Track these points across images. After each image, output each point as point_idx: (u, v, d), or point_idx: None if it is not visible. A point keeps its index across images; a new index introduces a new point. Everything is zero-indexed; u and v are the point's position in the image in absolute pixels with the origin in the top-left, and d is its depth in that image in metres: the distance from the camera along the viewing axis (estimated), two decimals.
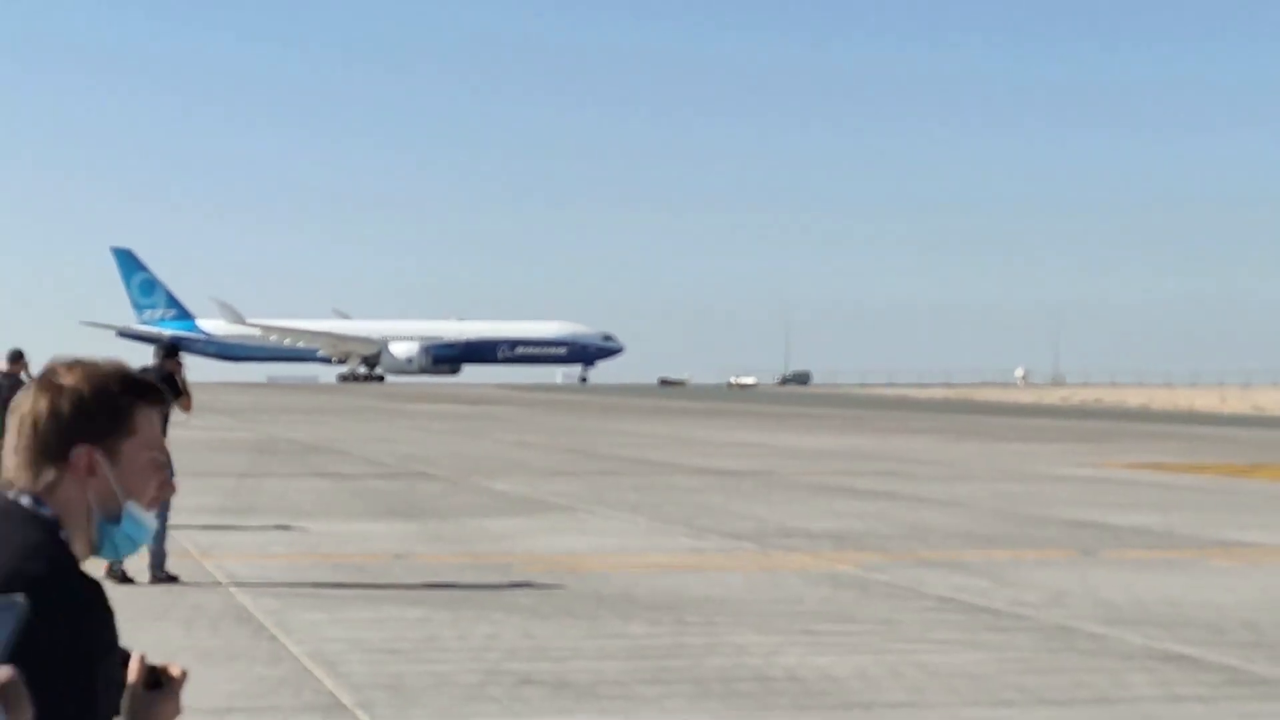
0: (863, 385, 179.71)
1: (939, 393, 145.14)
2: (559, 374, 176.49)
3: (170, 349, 18.89)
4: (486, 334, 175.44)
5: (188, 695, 3.10)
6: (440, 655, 12.34)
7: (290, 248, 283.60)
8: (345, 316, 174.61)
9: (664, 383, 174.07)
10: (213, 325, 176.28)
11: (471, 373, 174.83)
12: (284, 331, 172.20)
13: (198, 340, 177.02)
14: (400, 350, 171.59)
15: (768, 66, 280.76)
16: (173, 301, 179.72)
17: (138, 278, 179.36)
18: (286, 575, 16.89)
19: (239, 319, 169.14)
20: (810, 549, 19.68)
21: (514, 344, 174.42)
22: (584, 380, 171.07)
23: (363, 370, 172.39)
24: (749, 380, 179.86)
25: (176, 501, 25.38)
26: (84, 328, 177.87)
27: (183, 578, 16.48)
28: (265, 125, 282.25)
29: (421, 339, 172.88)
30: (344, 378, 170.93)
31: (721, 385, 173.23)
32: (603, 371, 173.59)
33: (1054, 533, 21.94)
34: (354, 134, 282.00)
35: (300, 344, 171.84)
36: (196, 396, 18.85)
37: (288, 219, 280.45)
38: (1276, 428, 67.16)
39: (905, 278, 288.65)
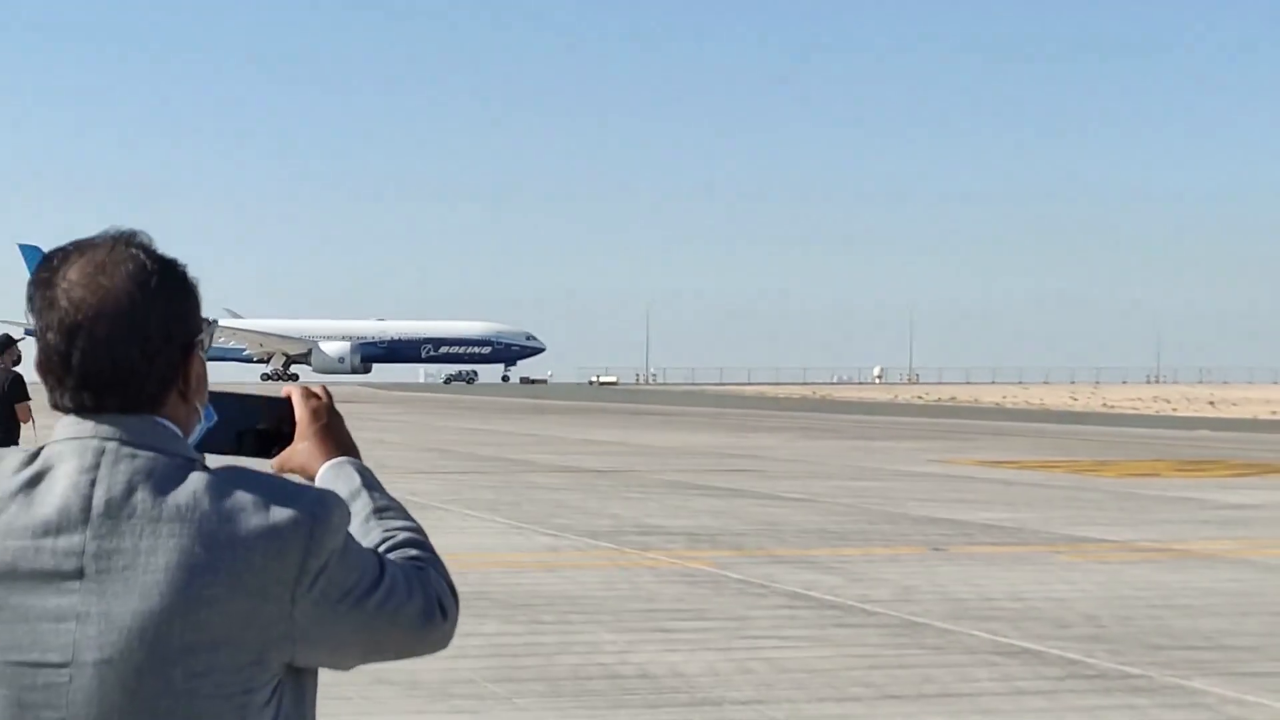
0: (721, 384, 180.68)
1: (797, 391, 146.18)
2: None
3: (5, 341, 18.65)
4: (410, 333, 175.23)
5: None
6: None
7: (186, 246, 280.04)
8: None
9: (525, 381, 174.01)
10: None
11: (385, 372, 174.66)
12: (234, 332, 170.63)
13: None
14: (332, 349, 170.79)
15: (621, 64, 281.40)
16: None
17: None
18: None
19: None
20: (665, 547, 19.86)
21: (438, 343, 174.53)
22: (505, 379, 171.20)
23: (283, 369, 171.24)
24: (610, 379, 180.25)
25: None
26: None
27: None
28: (167, 124, 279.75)
29: (346, 338, 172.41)
30: (266, 377, 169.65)
31: (583, 384, 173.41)
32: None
33: (905, 529, 22.27)
34: (255, 136, 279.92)
35: (232, 343, 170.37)
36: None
37: (194, 218, 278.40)
38: (1125, 425, 68.35)
39: (764, 277, 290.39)
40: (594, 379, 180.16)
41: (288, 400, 3.03)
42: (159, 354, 2.69)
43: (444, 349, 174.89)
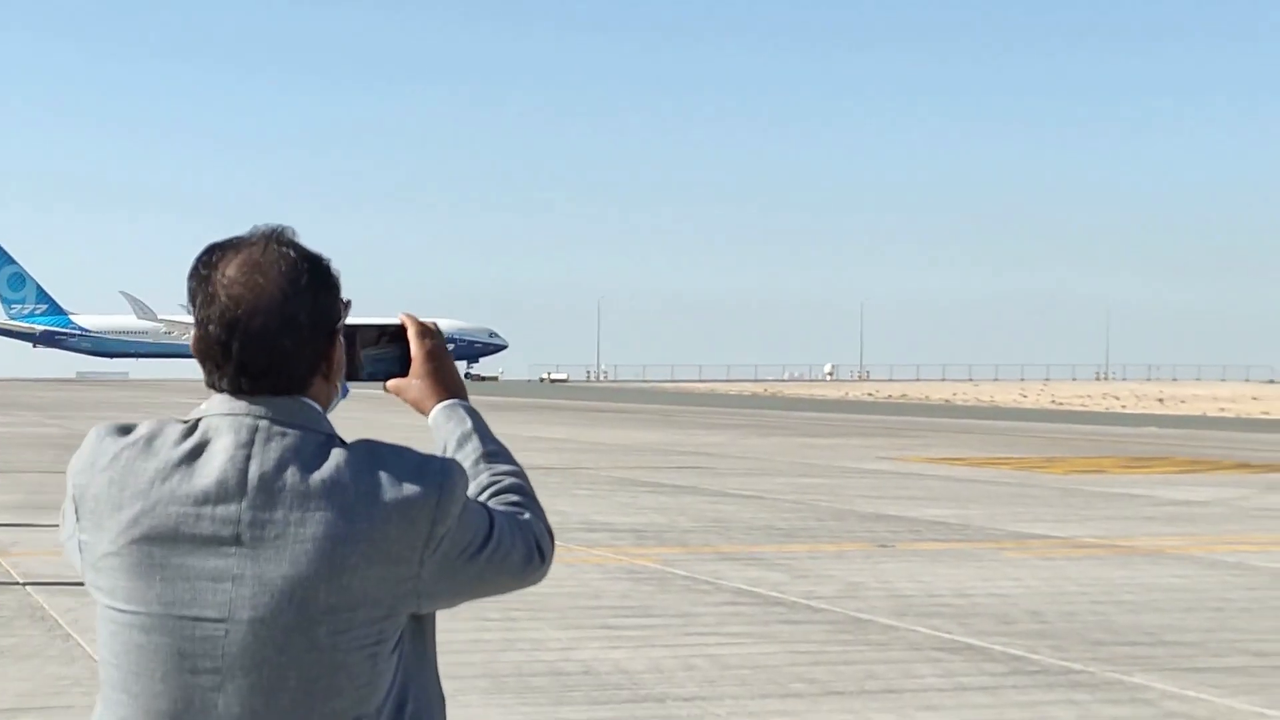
0: (673, 380, 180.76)
1: (748, 387, 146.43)
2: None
3: None
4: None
5: None
6: None
7: (129, 239, 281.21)
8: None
9: (477, 378, 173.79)
10: (88, 320, 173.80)
11: None
12: (184, 325, 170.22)
13: (72, 335, 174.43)
14: None
15: (571, 59, 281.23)
16: (44, 296, 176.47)
17: (5, 271, 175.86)
18: None
19: (149, 314, 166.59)
20: (611, 543, 19.87)
21: None
22: (468, 376, 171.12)
23: None
24: (561, 375, 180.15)
25: None
26: None
27: None
28: (136, 119, 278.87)
29: None
30: None
31: (534, 381, 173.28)
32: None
33: (852, 526, 22.32)
34: (203, 133, 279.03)
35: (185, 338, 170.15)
36: (2, 392, 18.65)
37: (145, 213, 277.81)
38: (1073, 421, 68.65)
39: (716, 273, 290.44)
40: (545, 376, 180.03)
41: (402, 328, 3.37)
42: (308, 343, 3.05)
43: None
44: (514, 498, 3.21)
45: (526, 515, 3.18)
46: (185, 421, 3.06)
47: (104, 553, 2.99)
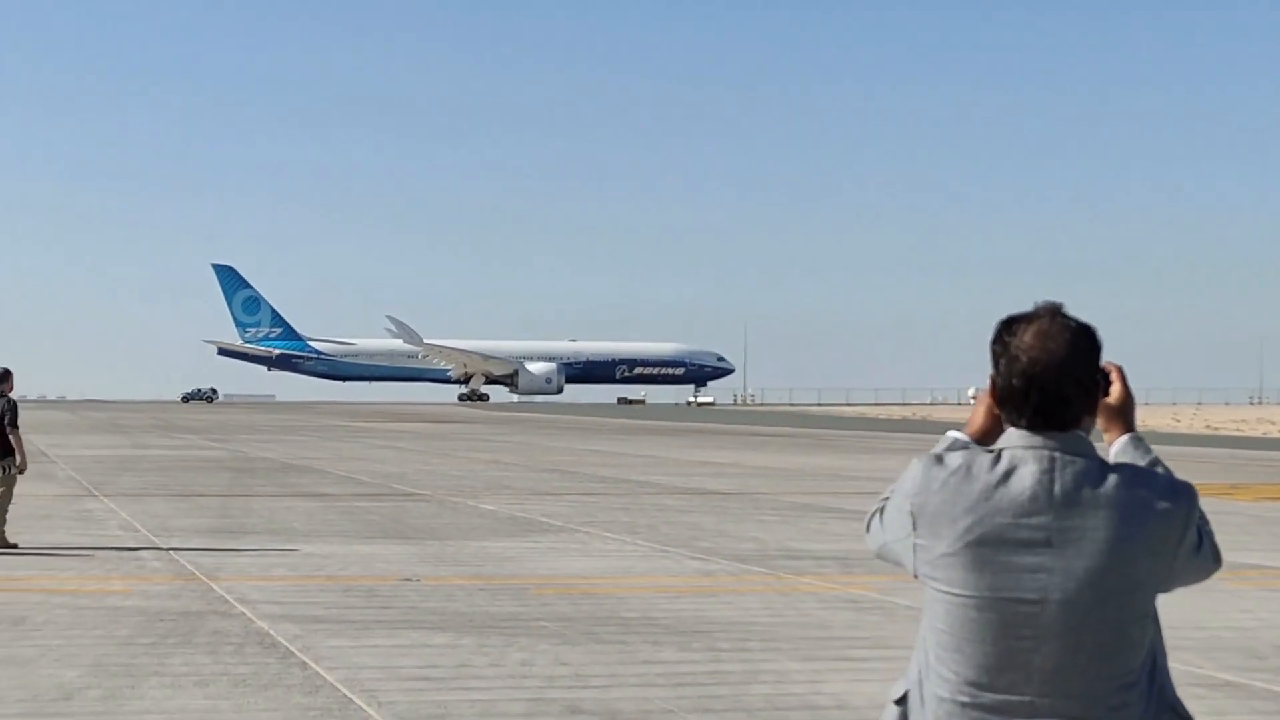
0: (819, 404, 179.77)
1: (896, 411, 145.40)
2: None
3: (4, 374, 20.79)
4: (605, 354, 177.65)
5: None
6: (478, 683, 12.10)
7: (346, 260, 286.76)
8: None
9: (623, 401, 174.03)
10: (323, 345, 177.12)
11: (576, 392, 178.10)
12: (442, 351, 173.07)
13: (308, 359, 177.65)
14: (538, 370, 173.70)
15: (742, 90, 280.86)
16: (278, 319, 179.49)
17: (240, 295, 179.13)
18: (298, 598, 16.63)
19: (416, 339, 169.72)
20: (818, 571, 19.53)
21: (632, 364, 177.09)
22: (625, 401, 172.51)
23: (480, 389, 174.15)
24: (708, 399, 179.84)
25: (169, 521, 25.27)
26: (179, 344, 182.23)
27: (192, 601, 16.22)
28: (364, 137, 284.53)
29: (543, 359, 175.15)
30: (464, 398, 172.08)
31: (680, 405, 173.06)
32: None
33: None
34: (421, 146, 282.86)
35: (441, 364, 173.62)
36: (157, 414, 18.78)
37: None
38: (1230, 446, 67.16)
39: (860, 295, 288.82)
40: (691, 399, 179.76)
41: (1111, 371, 4.30)
42: (1085, 393, 4.12)
43: (638, 369, 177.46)
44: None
45: (1207, 526, 4.19)
46: (990, 452, 4.10)
47: (942, 553, 4.04)
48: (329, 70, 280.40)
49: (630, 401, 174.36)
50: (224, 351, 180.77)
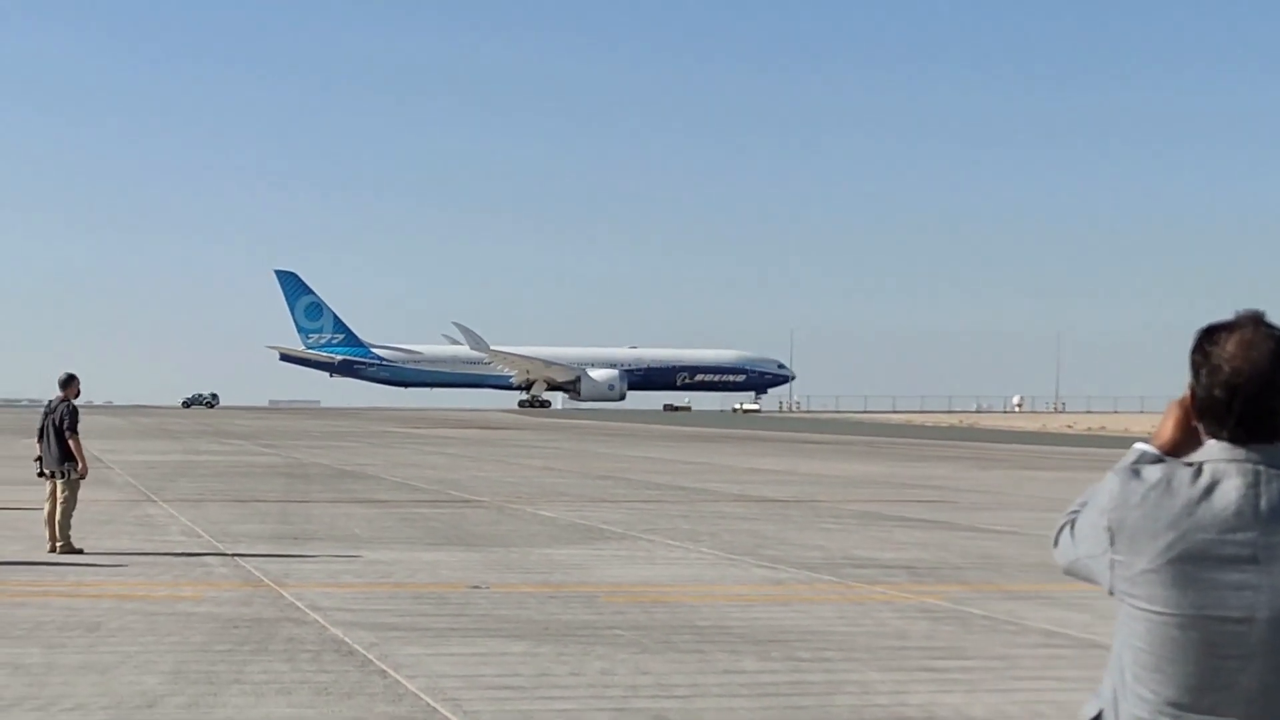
0: (866, 411, 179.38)
1: (943, 419, 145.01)
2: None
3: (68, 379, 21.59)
4: (666, 360, 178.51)
5: None
6: (560, 692, 12.01)
7: (403, 274, 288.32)
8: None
9: (669, 408, 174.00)
10: (386, 351, 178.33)
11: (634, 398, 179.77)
12: (507, 358, 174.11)
13: (370, 365, 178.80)
14: (600, 376, 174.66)
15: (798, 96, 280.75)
16: (340, 325, 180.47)
17: (303, 301, 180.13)
18: (369, 605, 16.56)
19: (483, 345, 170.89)
20: (888, 580, 19.38)
21: (693, 370, 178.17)
22: (669, 408, 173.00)
23: (542, 395, 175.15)
24: (754, 406, 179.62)
25: (229, 527, 25.25)
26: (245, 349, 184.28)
27: (264, 608, 16.16)
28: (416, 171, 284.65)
29: (605, 365, 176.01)
30: (524, 404, 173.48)
31: (725, 411, 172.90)
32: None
33: None
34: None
35: (504, 370, 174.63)
36: (206, 418, 18.76)
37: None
38: None
39: (904, 304, 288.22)
40: (737, 406, 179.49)
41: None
42: None
43: (699, 376, 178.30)
44: None
45: None
46: (1190, 465, 3.92)
47: (1142, 569, 3.87)
48: (405, 72, 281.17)
49: (676, 408, 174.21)
50: (286, 357, 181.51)
